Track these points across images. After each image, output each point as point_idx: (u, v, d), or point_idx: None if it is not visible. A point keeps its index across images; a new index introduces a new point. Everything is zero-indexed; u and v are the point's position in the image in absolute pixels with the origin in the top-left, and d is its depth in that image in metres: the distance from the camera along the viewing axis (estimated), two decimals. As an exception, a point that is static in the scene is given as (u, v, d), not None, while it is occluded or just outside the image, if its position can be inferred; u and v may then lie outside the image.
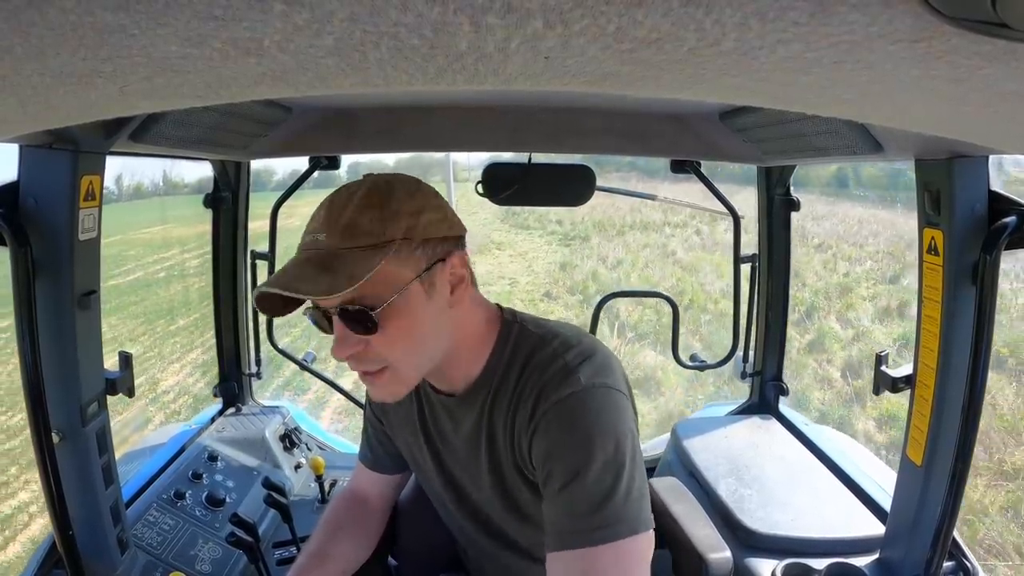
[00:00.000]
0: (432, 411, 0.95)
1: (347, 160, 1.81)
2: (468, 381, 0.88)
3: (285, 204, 1.86)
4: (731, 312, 1.91)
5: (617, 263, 12.24)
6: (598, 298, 2.05)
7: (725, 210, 1.82)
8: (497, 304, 0.92)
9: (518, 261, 13.01)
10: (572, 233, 14.79)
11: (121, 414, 5.83)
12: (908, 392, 1.15)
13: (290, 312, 0.82)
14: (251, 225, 1.89)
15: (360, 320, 0.75)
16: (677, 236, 13.47)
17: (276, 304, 0.79)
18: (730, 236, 1.87)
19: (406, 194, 0.79)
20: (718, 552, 1.01)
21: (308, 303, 0.79)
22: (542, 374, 0.81)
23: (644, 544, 0.77)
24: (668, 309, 1.94)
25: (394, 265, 0.75)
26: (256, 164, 1.82)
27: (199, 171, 1.74)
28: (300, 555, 0.99)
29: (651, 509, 0.80)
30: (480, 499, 0.95)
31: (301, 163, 1.73)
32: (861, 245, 11.10)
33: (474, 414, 0.88)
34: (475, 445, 0.90)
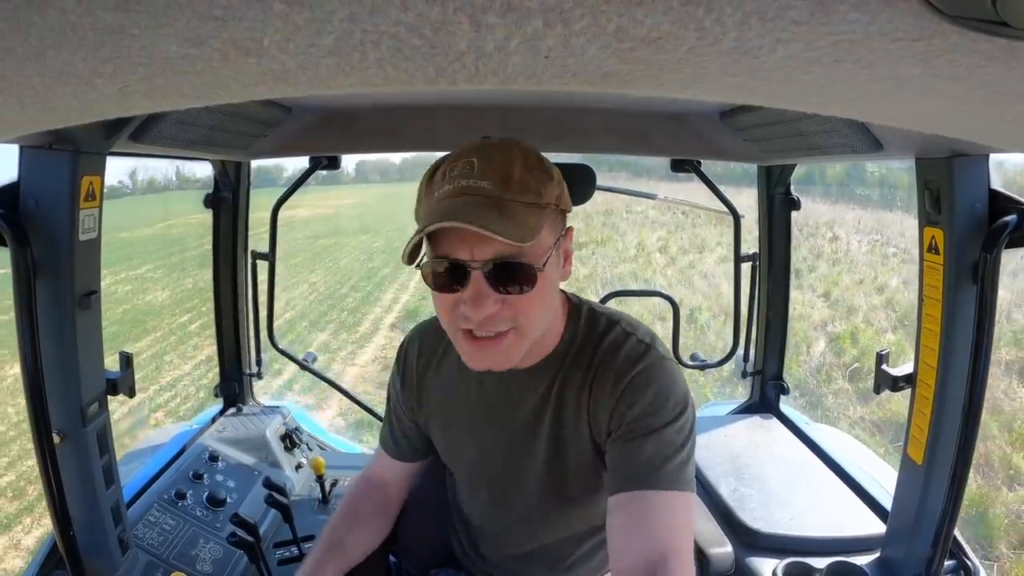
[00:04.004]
0: (484, 385, 0.94)
1: (352, 160, 1.81)
2: (540, 355, 0.90)
3: (286, 204, 1.86)
4: (641, 258, 1.90)
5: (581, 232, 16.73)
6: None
7: (726, 210, 1.82)
8: None
9: (514, 240, 17.53)
10: (555, 221, 19.97)
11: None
12: (907, 390, 1.15)
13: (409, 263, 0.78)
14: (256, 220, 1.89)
15: (518, 278, 0.76)
16: (630, 219, 19.08)
17: (415, 248, 0.76)
18: (677, 217, 1.89)
19: (551, 164, 0.82)
20: (719, 547, 1.02)
21: (424, 252, 0.78)
22: (619, 349, 0.87)
23: (690, 502, 0.82)
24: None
25: (547, 228, 0.78)
26: (266, 160, 1.82)
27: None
28: (318, 542, 0.99)
29: None
30: (519, 479, 0.95)
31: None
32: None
33: (543, 386, 0.91)
34: (538, 417, 0.92)
